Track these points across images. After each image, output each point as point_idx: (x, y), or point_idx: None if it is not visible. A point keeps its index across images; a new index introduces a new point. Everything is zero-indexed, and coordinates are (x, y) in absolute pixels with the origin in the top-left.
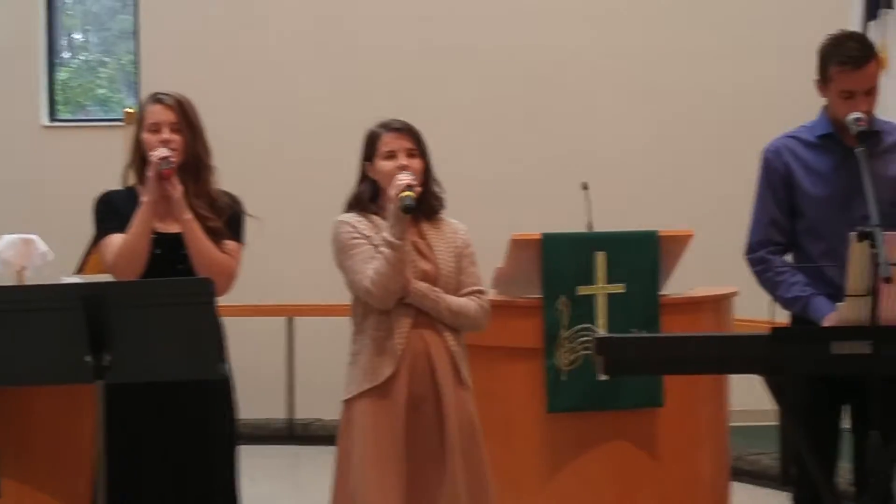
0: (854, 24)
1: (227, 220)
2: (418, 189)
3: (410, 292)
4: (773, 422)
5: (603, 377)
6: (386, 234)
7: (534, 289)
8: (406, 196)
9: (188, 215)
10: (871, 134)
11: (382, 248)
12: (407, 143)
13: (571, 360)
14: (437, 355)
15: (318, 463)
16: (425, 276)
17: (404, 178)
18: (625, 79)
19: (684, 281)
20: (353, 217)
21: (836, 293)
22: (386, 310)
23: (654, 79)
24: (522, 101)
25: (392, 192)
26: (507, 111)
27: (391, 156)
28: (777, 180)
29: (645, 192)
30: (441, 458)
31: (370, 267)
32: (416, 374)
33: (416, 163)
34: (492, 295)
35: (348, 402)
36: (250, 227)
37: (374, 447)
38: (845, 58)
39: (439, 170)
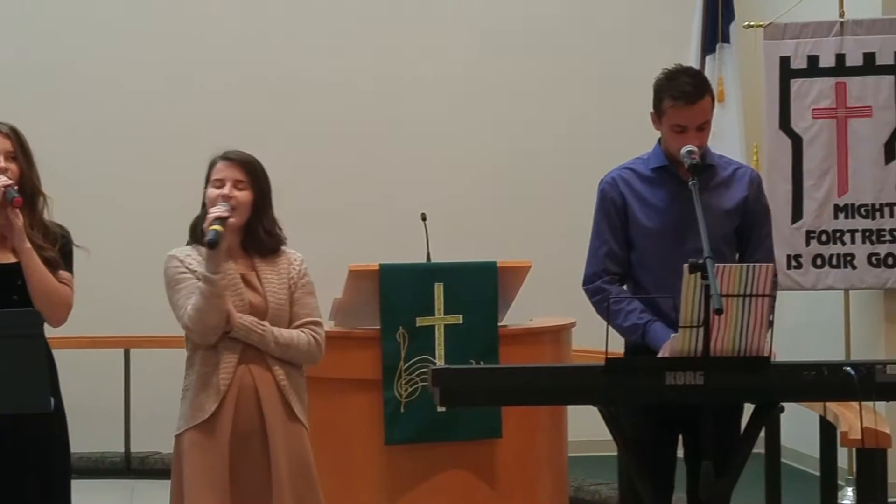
0: (692, 57)
1: (59, 251)
2: (232, 221)
3: (234, 326)
4: (613, 452)
5: (441, 408)
6: (202, 269)
7: (372, 320)
8: (211, 230)
9: (27, 244)
10: (706, 167)
11: (199, 283)
12: (237, 174)
13: (410, 392)
14: (265, 390)
15: (155, 497)
16: (253, 309)
17: (215, 211)
18: (463, 110)
19: (524, 311)
20: (182, 251)
21: (670, 325)
22: (211, 345)
23: (492, 110)
24: (360, 131)
25: (204, 224)
26: (344, 141)
27: (220, 184)
28: (613, 211)
29: (483, 224)
30: (268, 494)
31: (190, 302)
32: (243, 409)
33: (242, 195)
34: (330, 326)
35: (178, 438)
36: (83, 258)
37: (198, 482)
38: (678, 93)
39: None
